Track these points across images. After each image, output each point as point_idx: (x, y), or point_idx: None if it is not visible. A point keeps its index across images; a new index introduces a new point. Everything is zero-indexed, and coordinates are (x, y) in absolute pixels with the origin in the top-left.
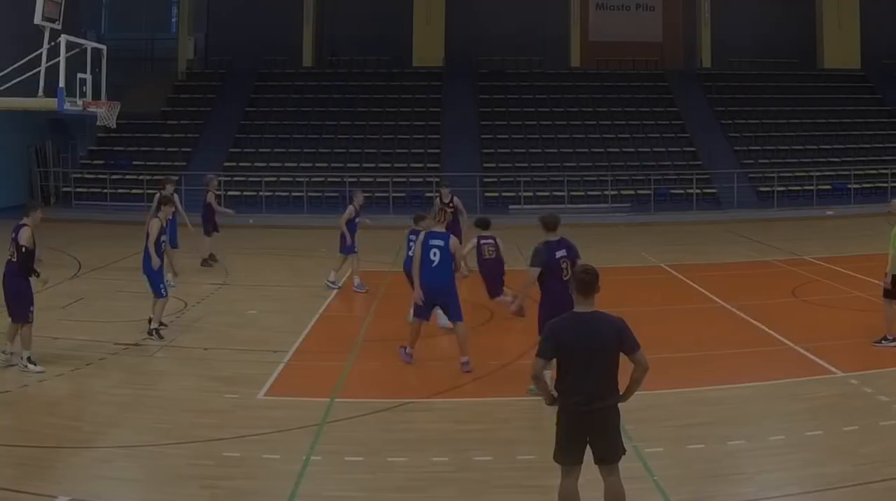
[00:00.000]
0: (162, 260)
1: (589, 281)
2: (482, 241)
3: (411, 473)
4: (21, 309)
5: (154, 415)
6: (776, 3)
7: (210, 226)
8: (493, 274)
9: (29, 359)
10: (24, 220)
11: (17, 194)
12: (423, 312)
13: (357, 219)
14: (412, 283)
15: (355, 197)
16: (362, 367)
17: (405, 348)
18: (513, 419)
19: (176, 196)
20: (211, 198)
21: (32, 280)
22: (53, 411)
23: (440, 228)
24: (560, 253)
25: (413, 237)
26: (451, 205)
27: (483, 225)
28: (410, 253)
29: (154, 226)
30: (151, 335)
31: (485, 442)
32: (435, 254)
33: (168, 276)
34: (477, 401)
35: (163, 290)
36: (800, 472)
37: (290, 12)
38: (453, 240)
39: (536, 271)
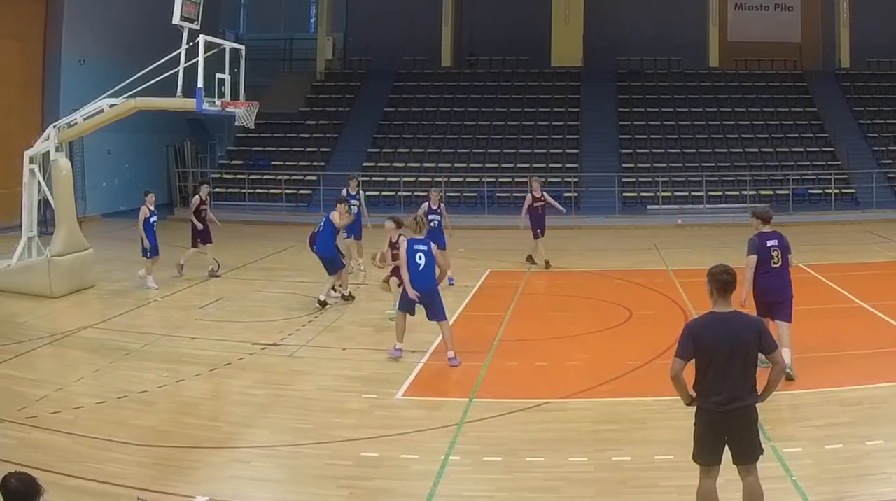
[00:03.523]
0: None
1: (729, 282)
2: None
3: (549, 473)
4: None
5: (292, 415)
6: None
7: (537, 227)
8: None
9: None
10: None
11: (157, 194)
12: (410, 307)
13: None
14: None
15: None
16: (500, 367)
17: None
18: (649, 419)
19: (362, 193)
20: (527, 201)
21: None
22: (191, 411)
23: (420, 235)
24: (771, 243)
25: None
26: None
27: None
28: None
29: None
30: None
31: (622, 442)
32: (420, 258)
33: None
34: (614, 401)
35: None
36: None
37: (429, 13)
38: (434, 245)
39: (754, 259)
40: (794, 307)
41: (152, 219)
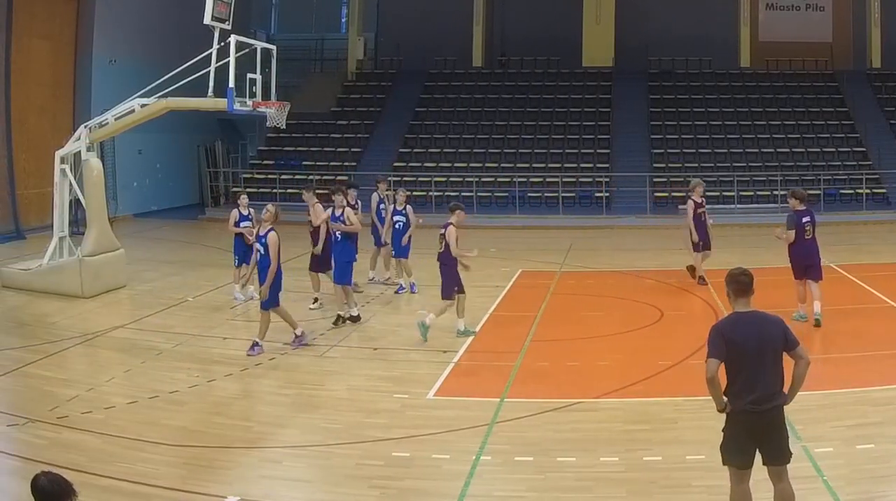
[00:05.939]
0: None
1: (746, 283)
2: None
3: (580, 473)
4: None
5: (323, 415)
6: None
7: (701, 240)
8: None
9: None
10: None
11: (188, 194)
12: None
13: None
14: None
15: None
16: (531, 367)
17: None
18: (681, 419)
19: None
20: (690, 207)
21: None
22: (222, 411)
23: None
24: (805, 219)
25: None
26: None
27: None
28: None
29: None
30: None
31: (653, 443)
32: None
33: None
34: (645, 401)
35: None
36: None
37: (460, 13)
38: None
39: (792, 232)
40: (825, 308)
41: (244, 225)
